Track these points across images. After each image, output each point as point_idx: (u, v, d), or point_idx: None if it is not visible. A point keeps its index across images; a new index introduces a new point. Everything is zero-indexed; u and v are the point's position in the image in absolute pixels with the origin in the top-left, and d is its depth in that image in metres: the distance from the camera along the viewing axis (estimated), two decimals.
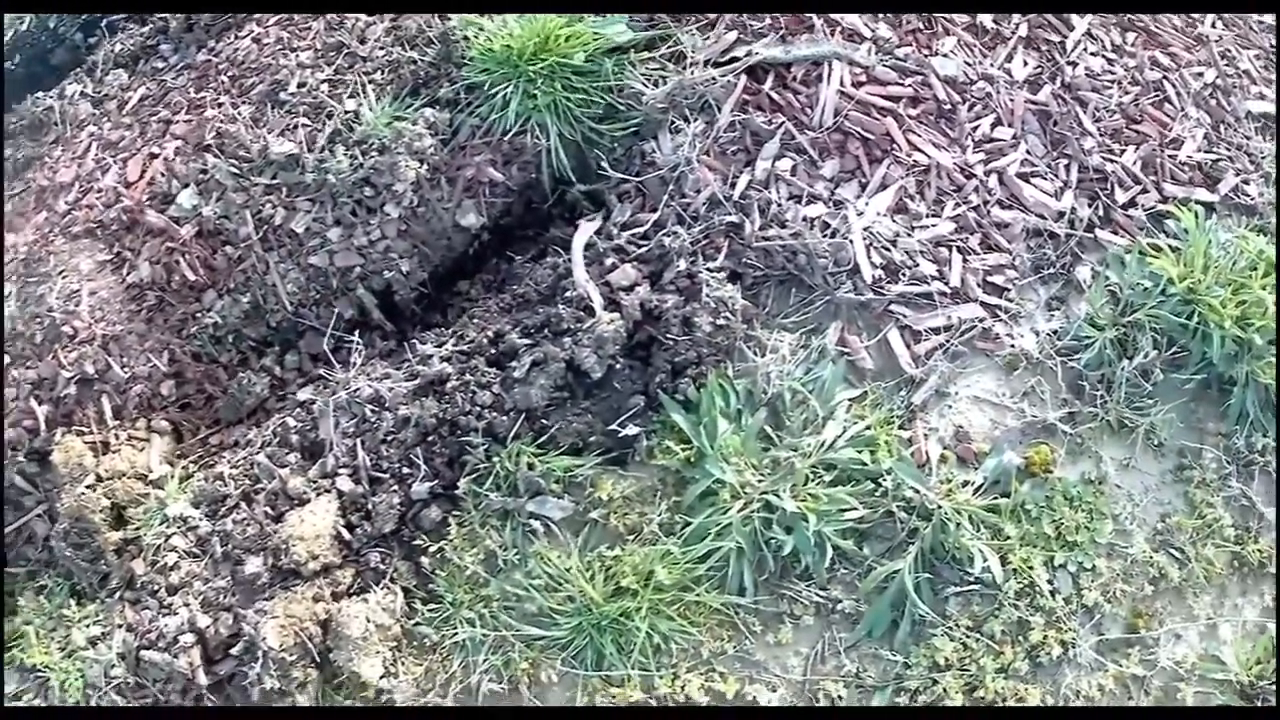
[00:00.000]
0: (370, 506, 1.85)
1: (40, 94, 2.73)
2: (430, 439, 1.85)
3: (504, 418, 1.81)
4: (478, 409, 1.83)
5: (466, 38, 2.10)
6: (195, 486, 2.10)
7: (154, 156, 2.38)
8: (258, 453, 2.00)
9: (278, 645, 1.80)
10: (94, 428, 2.21)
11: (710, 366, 1.82)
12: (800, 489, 1.80)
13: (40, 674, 2.27)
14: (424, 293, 2.07)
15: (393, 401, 1.88)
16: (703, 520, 1.79)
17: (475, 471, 1.84)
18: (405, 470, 1.85)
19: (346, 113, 2.11)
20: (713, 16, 2.05)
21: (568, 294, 1.86)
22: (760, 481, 1.81)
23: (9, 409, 2.36)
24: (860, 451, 1.82)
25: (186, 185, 2.22)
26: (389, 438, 1.87)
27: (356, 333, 2.02)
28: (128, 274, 2.24)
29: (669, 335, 1.82)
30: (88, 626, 2.16)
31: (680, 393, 1.82)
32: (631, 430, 1.79)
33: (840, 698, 1.79)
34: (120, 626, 2.13)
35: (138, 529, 2.15)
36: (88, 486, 2.16)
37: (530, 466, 1.82)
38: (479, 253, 2.09)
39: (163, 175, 2.33)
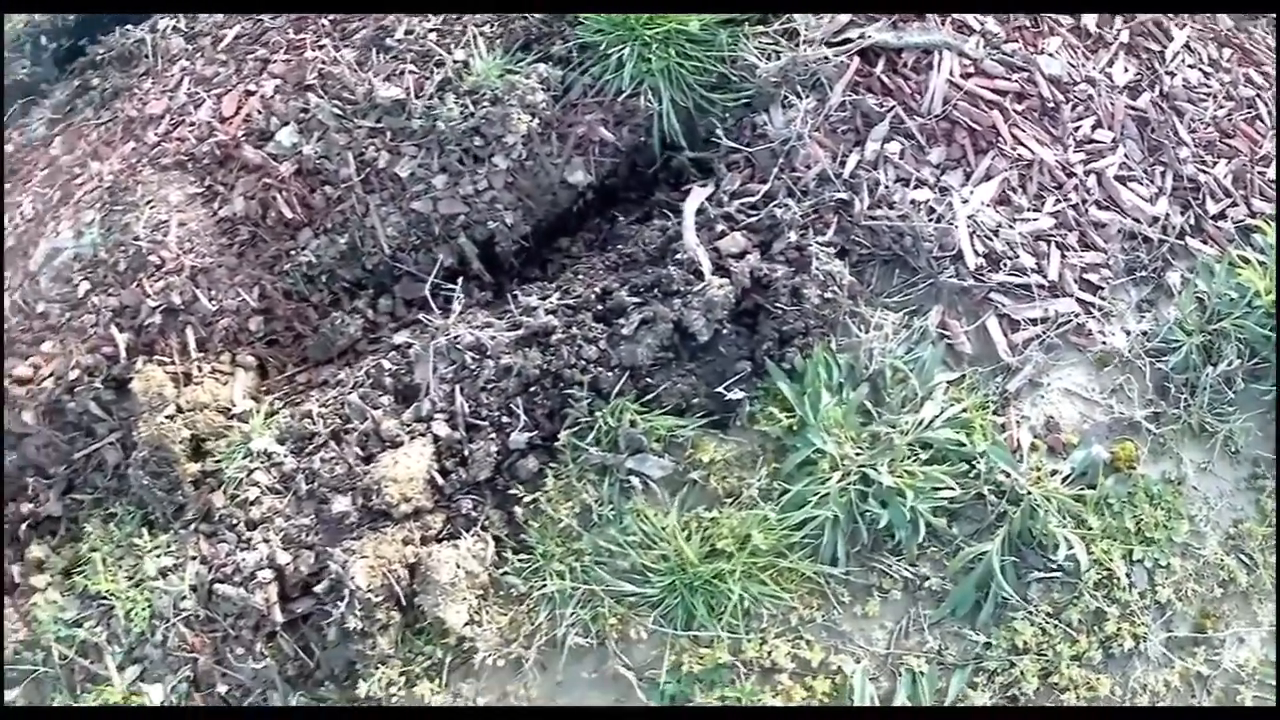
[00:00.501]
0: (466, 453, 1.85)
1: (130, 26, 2.71)
2: (532, 389, 1.85)
3: (609, 373, 1.82)
4: (583, 363, 1.83)
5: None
6: (281, 423, 2.08)
7: (250, 94, 2.36)
8: (350, 393, 1.99)
9: (365, 585, 1.79)
10: (176, 359, 2.18)
11: (816, 338, 1.83)
12: (898, 465, 1.82)
13: (105, 601, 2.25)
14: (524, 246, 2.08)
15: (495, 350, 1.87)
16: (801, 488, 1.81)
17: (576, 425, 1.84)
18: (504, 419, 1.85)
19: (456, 62, 2.11)
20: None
21: (678, 256, 1.88)
22: (858, 455, 1.82)
23: (87, 334, 2.33)
24: (956, 433, 1.85)
25: (286, 123, 2.21)
26: (489, 386, 1.87)
27: (455, 281, 2.03)
28: (219, 208, 2.23)
29: (777, 304, 1.84)
30: (159, 557, 2.13)
31: (786, 361, 1.84)
32: (736, 395, 1.81)
33: (921, 673, 1.81)
34: (194, 558, 2.11)
35: (218, 462, 2.13)
36: (167, 416, 2.13)
37: (633, 424, 1.82)
38: (582, 211, 2.10)
39: (259, 112, 2.32)
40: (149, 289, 2.22)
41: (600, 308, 1.87)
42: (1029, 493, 1.85)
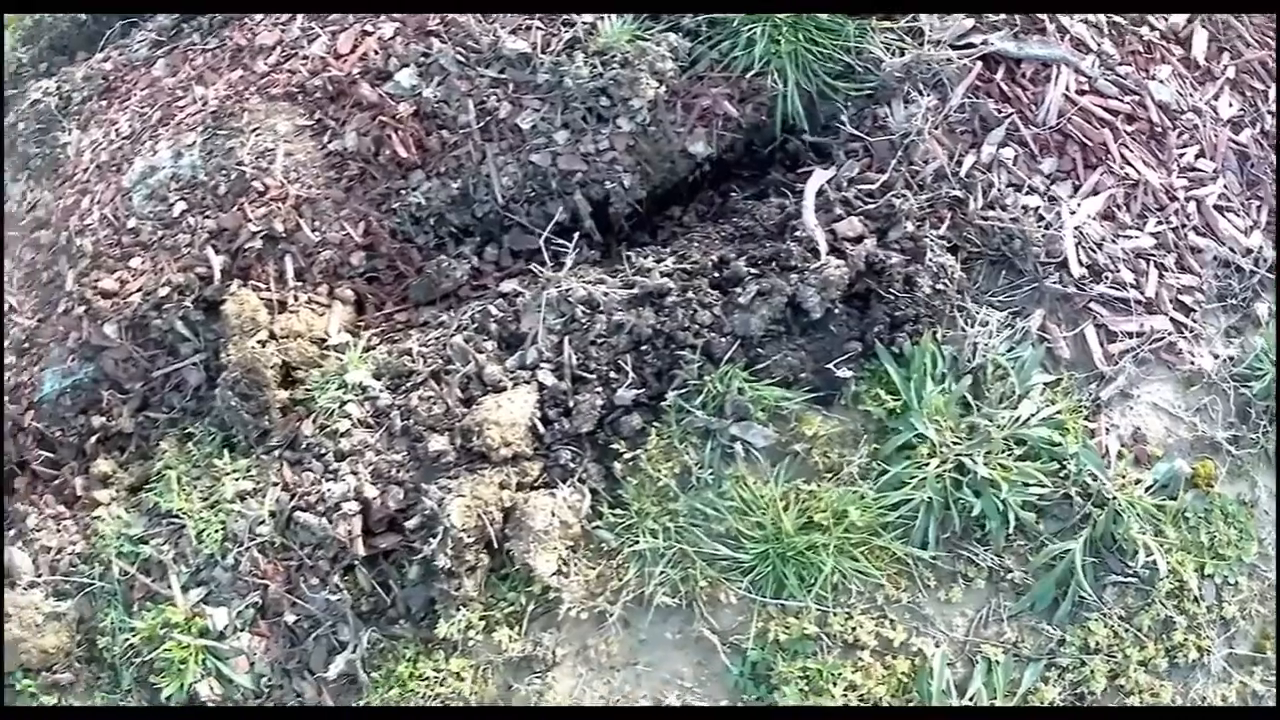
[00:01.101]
0: (571, 404, 1.86)
1: None
2: (643, 348, 1.87)
3: (722, 340, 1.84)
4: (696, 327, 1.85)
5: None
6: (378, 358, 2.08)
7: (367, 34, 2.37)
8: (453, 335, 2.00)
9: (460, 524, 1.79)
10: (272, 286, 2.18)
11: (925, 326, 1.87)
12: (993, 457, 1.86)
13: (175, 520, 2.22)
14: (636, 210, 2.10)
15: (607, 306, 1.89)
16: (899, 470, 1.84)
17: (684, 387, 1.86)
18: (612, 374, 1.86)
19: (585, 23, 2.13)
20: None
21: (796, 234, 1.91)
22: (956, 444, 1.86)
23: (180, 253, 2.31)
24: (1050, 433, 1.89)
25: (406, 65, 2.22)
26: (599, 340, 1.88)
27: (563, 238, 2.04)
28: (329, 141, 2.22)
29: (890, 290, 1.87)
30: (238, 480, 2.12)
31: (896, 346, 1.87)
32: (844, 373, 1.83)
33: (997, 662, 1.84)
34: (276, 485, 2.09)
35: (309, 391, 2.12)
36: (260, 341, 2.12)
37: (740, 391, 1.85)
38: (696, 182, 2.12)
39: (376, 52, 2.32)
40: (250, 214, 2.21)
41: (717, 275, 1.89)
42: (1114, 498, 1.89)
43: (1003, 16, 2.16)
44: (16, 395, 2.45)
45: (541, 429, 1.86)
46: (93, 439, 2.37)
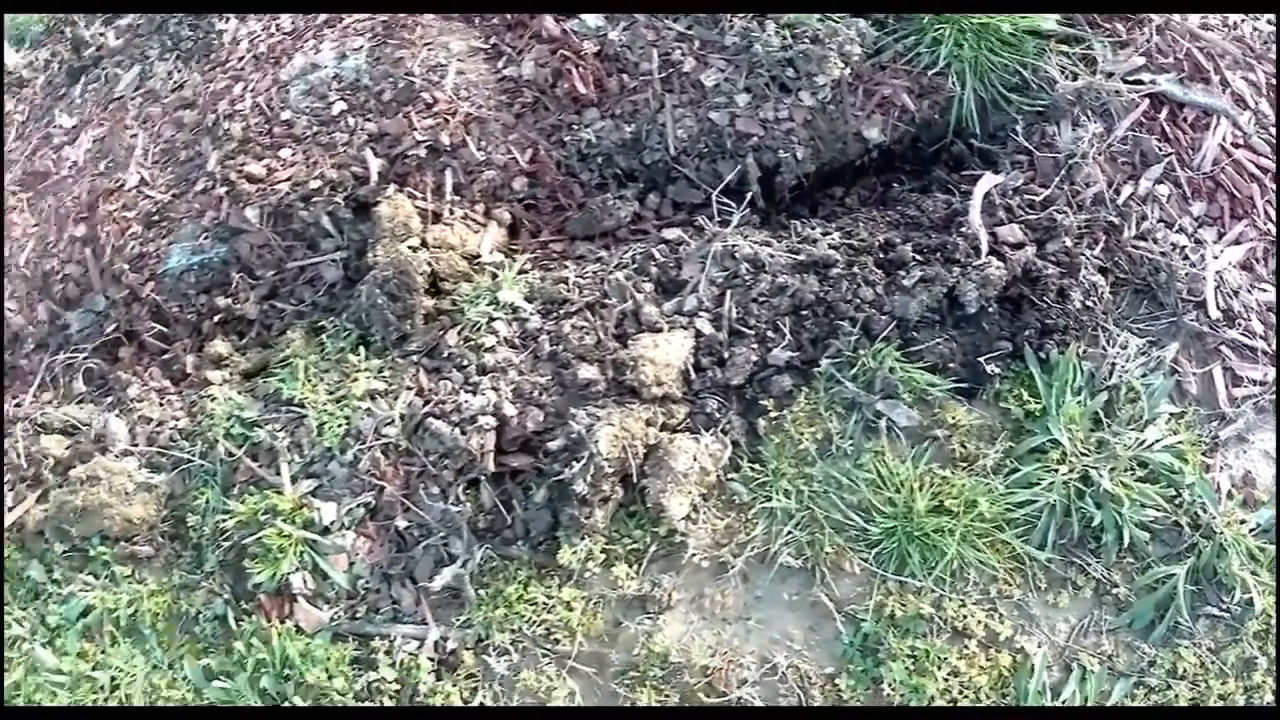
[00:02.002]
0: (726, 355, 1.90)
1: None
2: (803, 313, 1.92)
3: (881, 317, 1.90)
4: (858, 301, 1.90)
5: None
6: (531, 282, 2.11)
7: None
8: (612, 272, 2.03)
9: (606, 452, 1.82)
10: (429, 196, 2.20)
11: (1072, 338, 1.93)
12: (1117, 474, 1.93)
13: (295, 409, 2.23)
14: (800, 183, 2.15)
15: (772, 267, 1.94)
16: (1029, 470, 1.90)
17: (838, 357, 1.92)
18: (769, 333, 1.91)
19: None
20: (1125, 34, 2.22)
21: (962, 230, 1.97)
22: (1085, 455, 1.93)
23: (336, 151, 2.33)
24: (1171, 460, 1.96)
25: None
26: (760, 298, 1.93)
27: (727, 197, 2.09)
28: (503, 66, 2.26)
29: (1043, 299, 1.94)
30: (370, 379, 2.13)
31: (1043, 352, 1.94)
32: (992, 369, 1.90)
33: (1092, 672, 1.90)
34: (410, 389, 2.11)
35: (455, 303, 2.14)
36: (411, 247, 2.14)
37: (891, 370, 1.90)
38: (860, 167, 2.19)
39: None
40: (416, 123, 2.24)
41: (881, 256, 1.95)
42: (1221, 533, 1.97)
43: (1171, 60, 2.27)
44: (139, 265, 2.45)
45: (693, 375, 1.91)
46: (212, 319, 2.37)
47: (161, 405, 2.33)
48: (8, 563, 2.44)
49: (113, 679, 2.27)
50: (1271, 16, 2.44)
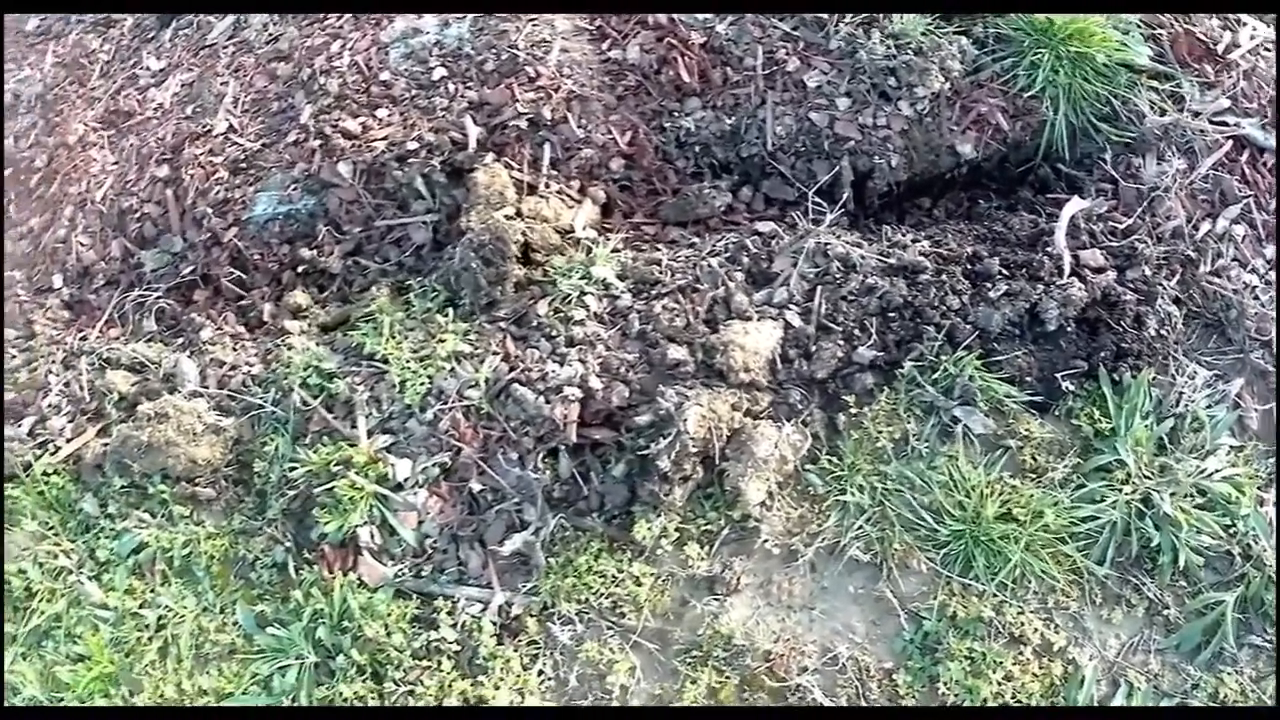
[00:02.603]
0: (812, 349, 1.96)
1: None
2: (890, 315, 1.99)
3: (965, 326, 1.97)
4: (944, 308, 1.98)
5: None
6: (623, 261, 2.17)
7: None
8: (705, 258, 2.09)
9: (694, 432, 1.88)
10: (525, 168, 2.25)
11: (1144, 364, 2.01)
12: (1177, 499, 2.00)
13: (377, 365, 2.27)
14: (891, 190, 2.23)
15: (863, 268, 2.00)
16: (1095, 487, 1.98)
17: (920, 360, 1.98)
18: (856, 331, 1.98)
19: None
20: (1212, 76, 2.30)
21: (1048, 249, 2.04)
22: (1148, 478, 2.00)
23: (435, 115, 2.37)
24: (1229, 491, 2.04)
25: None
26: (849, 297, 2.00)
27: (819, 198, 2.15)
28: (608, 49, 2.32)
29: (1120, 323, 2.02)
30: (457, 340, 2.17)
31: (1117, 374, 2.01)
32: (1067, 386, 1.97)
33: (1138, 689, 1.97)
34: (496, 354, 2.16)
35: (547, 274, 2.20)
36: (506, 216, 2.19)
37: (971, 378, 1.97)
38: (949, 180, 2.26)
39: None
40: (518, 95, 2.29)
41: (969, 267, 2.02)
42: (1271, 565, 2.05)
43: (1255, 105, 2.35)
44: (223, 210, 2.49)
45: (779, 365, 1.97)
46: (293, 270, 2.42)
47: (235, 350, 2.37)
48: (59, 492, 2.47)
49: (160, 619, 2.31)
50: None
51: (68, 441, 2.41)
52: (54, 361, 2.59)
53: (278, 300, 2.37)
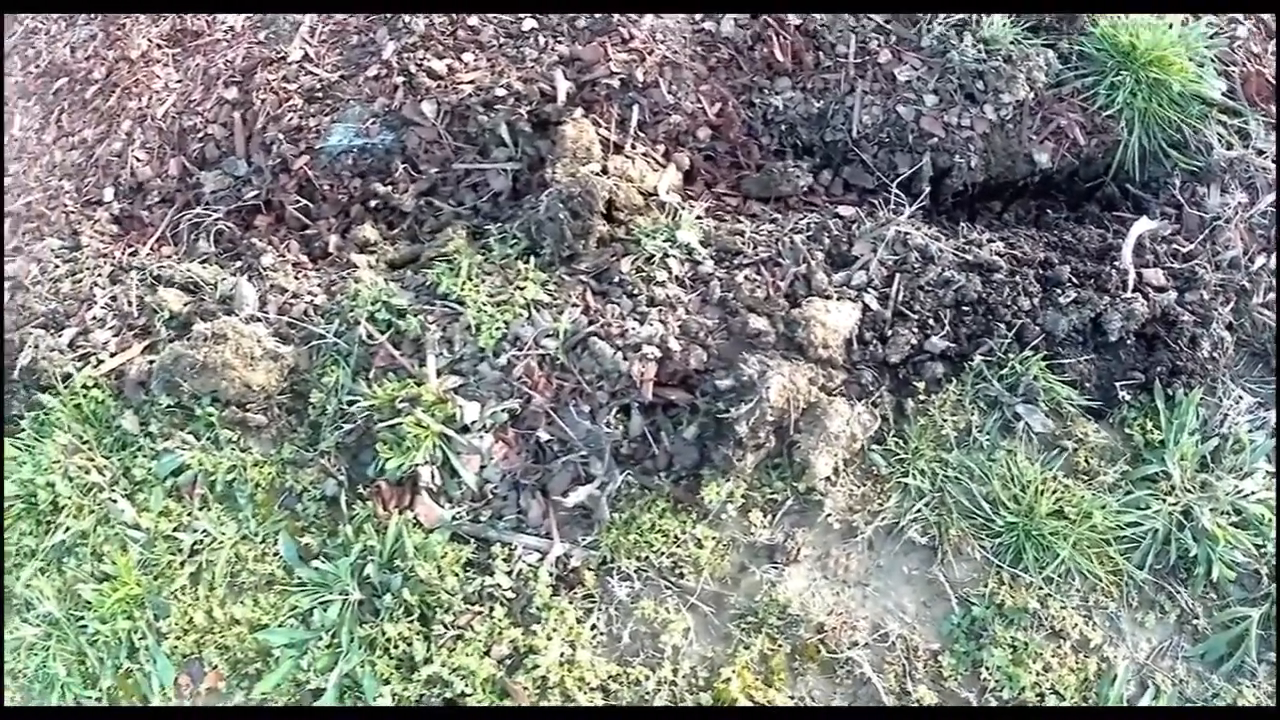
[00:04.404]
0: (888, 333, 2.09)
1: None
2: (964, 308, 2.14)
3: (1034, 327, 2.12)
4: (1016, 308, 2.13)
5: (1093, 12, 2.43)
6: (707, 228, 2.28)
7: None
8: (788, 234, 2.21)
9: (775, 400, 1.98)
10: (612, 127, 2.34)
11: (1196, 382, 2.17)
12: (1215, 515, 2.17)
13: (451, 306, 2.35)
14: (966, 190, 2.38)
15: (940, 261, 2.14)
16: (1142, 494, 2.14)
17: (989, 355, 2.13)
18: (930, 321, 2.13)
19: (976, 12, 2.40)
20: (1277, 117, 2.49)
21: (1116, 263, 2.20)
22: (1190, 491, 2.16)
23: (524, 65, 2.46)
24: (1263, 513, 2.21)
25: None
26: (927, 287, 2.14)
27: (899, 189, 2.28)
28: (703, 20, 2.43)
29: (1177, 342, 2.19)
30: (537, 289, 2.24)
31: (1170, 389, 2.18)
32: (1124, 395, 2.13)
33: (1164, 692, 2.12)
34: (576, 306, 2.26)
35: (629, 232, 2.29)
36: (593, 171, 2.27)
37: (1036, 378, 2.12)
38: (1021, 187, 2.43)
39: None
40: (611, 53, 2.38)
41: (1041, 272, 2.18)
42: None
43: None
44: (295, 138, 2.54)
45: (855, 346, 2.10)
46: (363, 204, 2.49)
47: (297, 279, 2.42)
48: (97, 407, 2.49)
49: (195, 543, 2.35)
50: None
51: (111, 356, 2.43)
52: (100, 274, 2.62)
53: (344, 233, 2.43)
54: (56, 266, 2.56)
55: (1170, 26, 2.59)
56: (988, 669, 2.10)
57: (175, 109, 2.67)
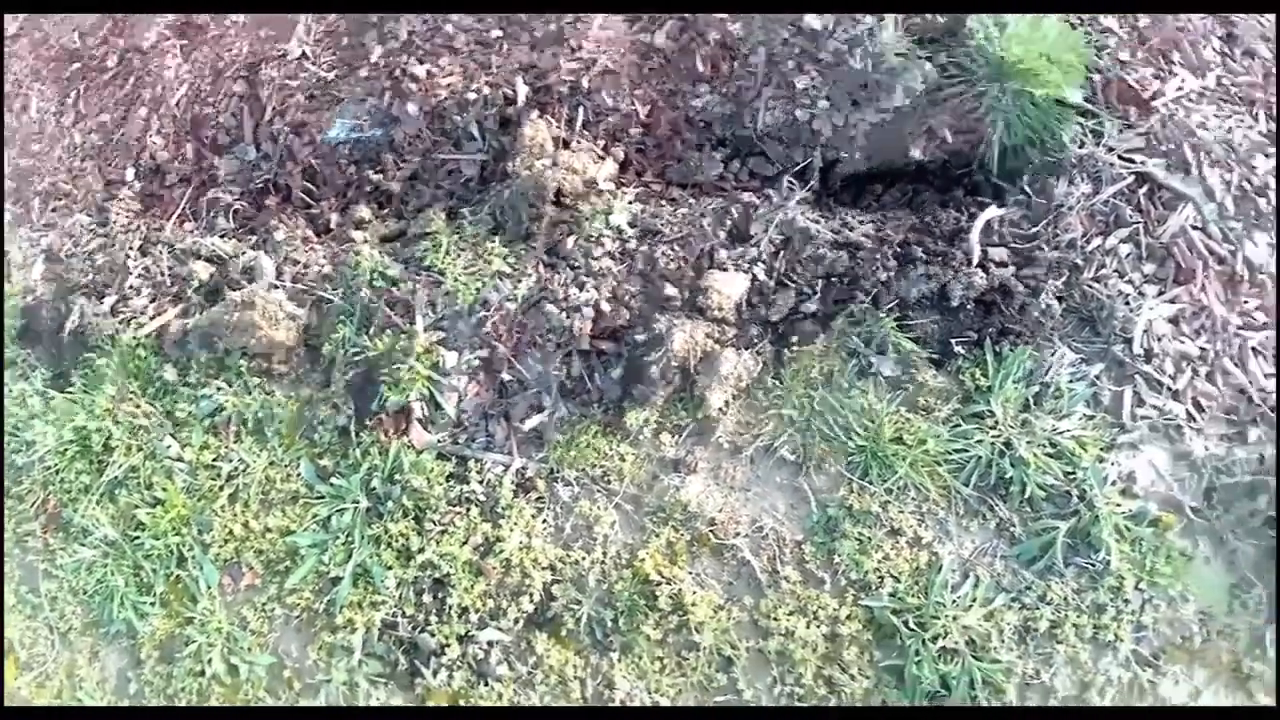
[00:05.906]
0: (771, 298, 3.85)
1: None
2: (832, 279, 3.79)
3: (888, 295, 3.85)
4: (875, 279, 3.84)
5: (973, 28, 4.18)
6: (633, 211, 3.97)
7: None
8: (698, 217, 3.95)
9: (677, 350, 3.76)
10: (562, 126, 4.09)
11: (1023, 342, 3.94)
12: (1031, 446, 3.96)
13: (435, 275, 4.10)
14: (851, 177, 4.09)
15: (818, 240, 3.89)
16: (968, 428, 3.84)
17: (851, 316, 3.85)
18: (805, 288, 3.80)
19: (867, 26, 4.15)
20: (1134, 118, 4.24)
21: (963, 244, 3.97)
22: (1011, 427, 3.95)
23: (491, 70, 4.21)
24: (1075, 447, 4.01)
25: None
26: (805, 261, 3.85)
27: (792, 177, 4.06)
28: (638, 32, 4.14)
29: (1008, 309, 3.90)
30: (501, 263, 4.03)
31: (999, 345, 3.90)
32: (959, 349, 3.86)
33: (982, 581, 3.94)
34: (530, 276, 3.97)
35: (573, 216, 4.04)
36: (544, 165, 4.06)
37: (887, 334, 3.88)
38: (899, 173, 4.12)
39: None
40: (563, 64, 4.13)
41: (899, 250, 3.90)
42: (1099, 508, 4.02)
43: (1165, 149, 4.29)
44: (300, 130, 4.28)
45: (744, 307, 3.85)
46: (359, 188, 4.21)
47: (307, 251, 4.18)
48: (140, 362, 4.30)
49: (232, 470, 4.16)
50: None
51: (151, 319, 4.23)
52: (130, 248, 4.39)
53: (343, 212, 4.15)
54: (89, 240, 4.34)
55: (1045, 37, 4.34)
56: (839, 556, 3.84)
57: (187, 98, 4.36)
